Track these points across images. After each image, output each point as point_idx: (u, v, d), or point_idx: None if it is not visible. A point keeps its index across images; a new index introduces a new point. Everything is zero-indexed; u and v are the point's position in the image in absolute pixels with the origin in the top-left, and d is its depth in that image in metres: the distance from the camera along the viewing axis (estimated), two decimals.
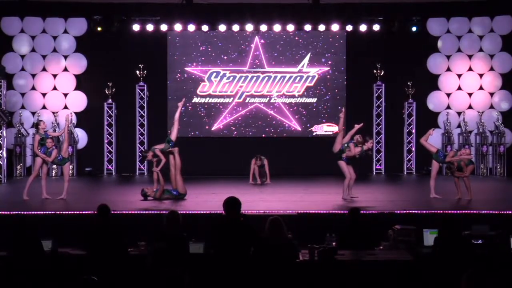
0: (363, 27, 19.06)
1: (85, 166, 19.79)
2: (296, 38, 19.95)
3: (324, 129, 19.96)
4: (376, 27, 19.07)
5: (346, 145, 13.60)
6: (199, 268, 7.96)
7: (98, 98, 19.92)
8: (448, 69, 20.17)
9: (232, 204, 7.84)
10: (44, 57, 19.89)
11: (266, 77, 19.94)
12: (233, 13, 19.25)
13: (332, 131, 19.34)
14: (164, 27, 19.09)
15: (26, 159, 19.18)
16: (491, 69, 20.03)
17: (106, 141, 19.95)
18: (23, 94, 19.84)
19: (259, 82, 19.93)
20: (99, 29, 19.09)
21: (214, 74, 19.95)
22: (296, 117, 19.99)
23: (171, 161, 14.16)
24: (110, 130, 19.99)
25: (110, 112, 19.91)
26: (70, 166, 16.23)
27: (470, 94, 20.18)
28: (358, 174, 14.10)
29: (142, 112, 20.01)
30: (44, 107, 19.86)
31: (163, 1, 19.03)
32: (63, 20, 19.83)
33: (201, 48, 19.94)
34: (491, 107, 20.02)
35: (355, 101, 19.57)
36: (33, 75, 19.89)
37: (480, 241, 9.22)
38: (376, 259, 8.35)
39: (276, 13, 19.15)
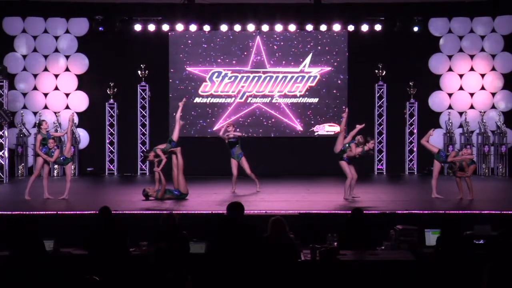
0: (364, 27, 19.06)
1: (87, 166, 19.81)
2: (298, 38, 19.94)
3: (326, 129, 19.95)
4: (377, 27, 19.06)
5: (347, 145, 13.60)
6: (201, 268, 7.96)
7: (99, 98, 19.92)
8: (450, 69, 20.15)
9: (235, 207, 7.90)
10: (45, 57, 19.90)
11: (268, 77, 19.93)
12: (235, 13, 19.27)
13: (334, 131, 19.34)
14: (165, 27, 19.11)
15: (28, 159, 19.19)
16: (493, 69, 20.03)
17: (107, 141, 19.95)
18: (24, 94, 19.85)
19: (260, 82, 19.93)
20: (101, 29, 19.10)
21: (216, 74, 19.96)
22: (298, 117, 19.98)
23: (174, 161, 14.17)
24: (111, 130, 19.99)
25: (111, 112, 19.92)
26: (72, 166, 16.24)
27: (471, 94, 20.17)
28: (360, 174, 14.10)
29: (143, 112, 20.01)
30: (45, 107, 19.87)
31: (165, 1, 19.06)
32: (65, 20, 19.84)
33: (202, 48, 19.94)
34: (493, 107, 20.02)
35: (356, 101, 19.56)
36: (35, 75, 19.90)
37: (482, 241, 9.23)
38: (378, 259, 8.36)
39: (277, 13, 19.16)
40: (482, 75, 20.09)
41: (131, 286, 8.10)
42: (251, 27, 19.16)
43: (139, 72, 19.71)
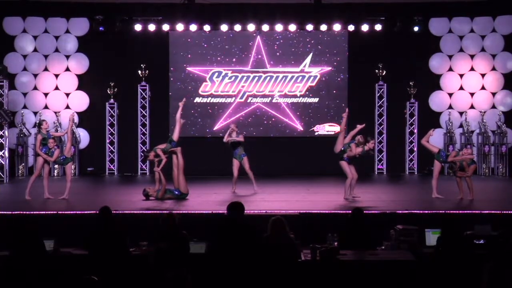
0: (365, 27, 19.05)
1: (87, 166, 19.81)
2: (298, 38, 19.93)
3: (326, 129, 19.95)
4: (378, 27, 19.05)
5: (347, 145, 13.61)
6: (201, 268, 7.96)
7: (100, 98, 19.92)
8: (450, 69, 20.15)
9: (235, 206, 7.90)
10: (46, 57, 19.90)
11: (268, 77, 19.93)
12: (235, 13, 19.26)
13: (334, 131, 19.34)
14: (166, 27, 19.10)
15: (28, 159, 19.20)
16: (493, 68, 20.03)
17: (108, 141, 19.95)
18: (25, 94, 19.85)
19: (261, 82, 19.93)
20: (101, 29, 19.10)
21: (216, 74, 19.95)
22: (298, 117, 19.97)
23: (174, 160, 14.17)
24: (112, 130, 19.99)
25: (112, 112, 19.92)
26: (73, 166, 16.23)
27: (472, 94, 20.17)
28: (360, 174, 14.10)
29: (144, 112, 20.02)
30: (46, 107, 19.87)
31: (165, 1, 19.05)
32: (65, 20, 19.84)
33: (203, 48, 19.93)
34: (493, 107, 20.02)
35: (357, 101, 19.55)
36: (35, 75, 19.90)
37: (482, 241, 9.22)
38: (378, 259, 8.36)
39: (278, 13, 19.15)
40: (483, 75, 20.09)
41: (131, 286, 8.10)
42: (251, 27, 19.16)
43: (139, 72, 19.71)
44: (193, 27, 19.07)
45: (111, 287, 7.78)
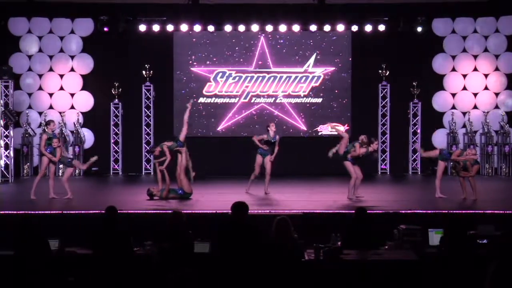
0: (368, 27, 19.10)
1: (92, 166, 19.80)
2: (302, 38, 19.97)
3: (330, 129, 19.93)
4: (381, 27, 19.11)
5: (351, 145, 13.66)
6: (205, 267, 8.00)
7: (104, 98, 19.99)
8: (453, 69, 20.17)
9: (239, 206, 7.93)
10: (51, 57, 19.97)
11: (272, 77, 19.97)
12: (239, 13, 19.31)
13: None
14: (170, 28, 19.18)
15: (33, 158, 19.27)
16: (496, 69, 20.04)
17: (112, 141, 20.01)
18: (30, 94, 19.92)
19: (264, 82, 19.97)
20: (105, 29, 19.18)
21: (220, 74, 19.99)
22: (302, 117, 20.01)
23: (179, 160, 14.24)
24: (116, 130, 20.05)
25: (116, 112, 19.98)
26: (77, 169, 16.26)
27: (475, 94, 20.19)
28: (363, 174, 14.11)
29: (148, 112, 20.07)
30: (51, 107, 19.93)
31: (169, 1, 19.11)
32: (70, 21, 19.90)
33: (207, 48, 19.98)
34: (496, 107, 20.03)
35: (360, 101, 19.60)
36: (40, 75, 19.97)
37: (485, 241, 9.24)
38: (381, 259, 8.38)
39: (281, 13, 19.20)
40: (486, 75, 20.10)
41: (135, 286, 8.14)
42: (255, 27, 19.21)
43: (143, 72, 19.77)
44: (197, 28, 19.15)
45: (115, 287, 7.84)
